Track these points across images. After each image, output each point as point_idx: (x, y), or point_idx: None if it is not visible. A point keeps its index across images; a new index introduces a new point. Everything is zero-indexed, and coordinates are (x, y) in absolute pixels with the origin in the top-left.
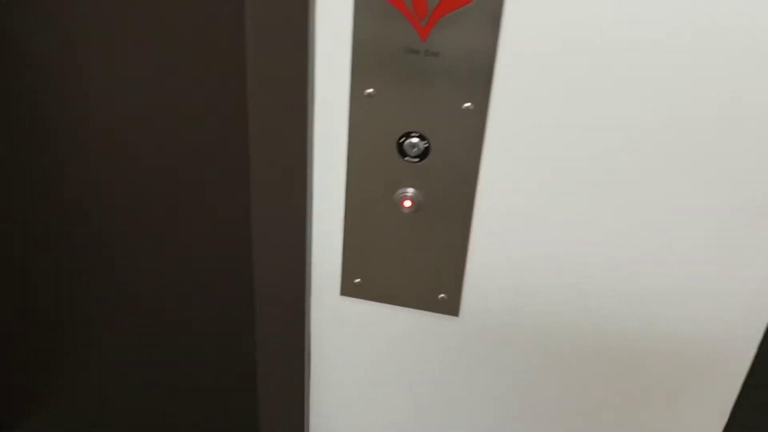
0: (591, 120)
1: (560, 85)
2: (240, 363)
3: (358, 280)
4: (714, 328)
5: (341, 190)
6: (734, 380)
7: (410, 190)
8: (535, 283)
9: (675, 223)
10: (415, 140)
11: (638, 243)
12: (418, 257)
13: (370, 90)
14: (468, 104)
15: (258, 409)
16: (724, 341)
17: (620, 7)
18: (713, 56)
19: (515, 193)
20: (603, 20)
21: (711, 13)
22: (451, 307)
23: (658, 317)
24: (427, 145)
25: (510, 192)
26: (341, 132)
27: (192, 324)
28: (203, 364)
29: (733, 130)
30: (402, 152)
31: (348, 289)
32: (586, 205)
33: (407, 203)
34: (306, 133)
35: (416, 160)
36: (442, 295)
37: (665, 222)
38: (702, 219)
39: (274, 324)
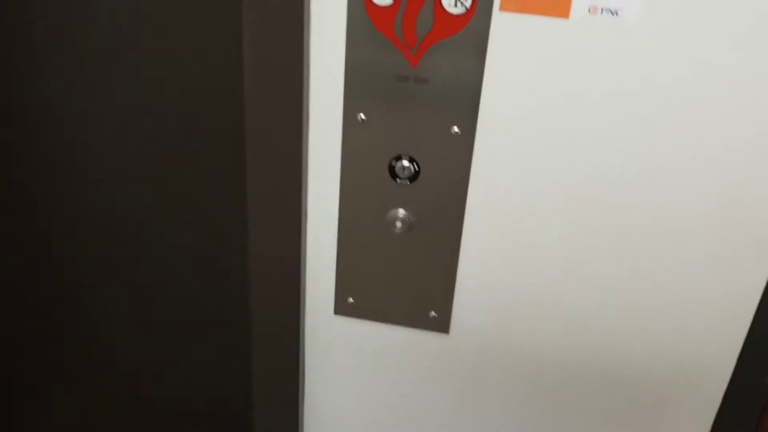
0: (575, 142)
1: (545, 110)
2: (235, 381)
3: (351, 299)
4: (696, 342)
5: (334, 212)
6: (716, 391)
7: (401, 211)
8: (524, 301)
9: (659, 242)
10: (405, 163)
11: (624, 261)
12: (409, 276)
13: (362, 115)
14: (456, 129)
15: (253, 427)
16: (705, 355)
17: (601, 36)
18: (692, 79)
19: (503, 214)
20: (586, 48)
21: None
22: (441, 324)
23: (644, 333)
24: (417, 167)
25: (498, 212)
26: (334, 155)
27: (186, 342)
28: (198, 383)
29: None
30: (393, 175)
31: (341, 308)
32: (572, 225)
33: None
34: (301, 157)
35: (407, 182)
36: (432, 313)
37: (649, 241)
38: (683, 237)
39: (269, 343)
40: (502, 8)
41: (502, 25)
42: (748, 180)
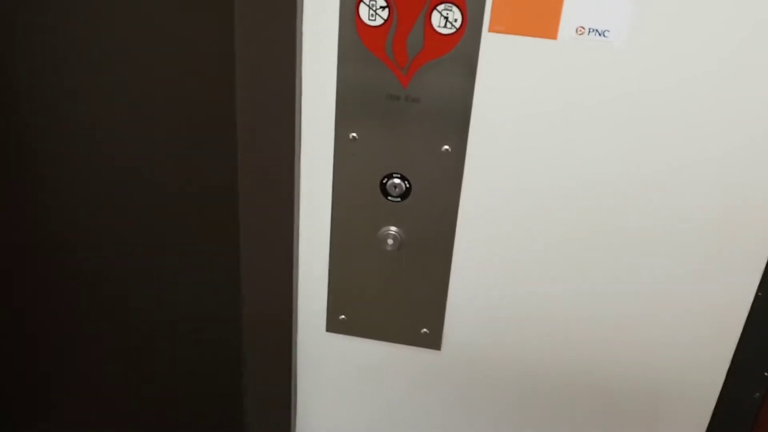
0: (564, 160)
1: (534, 129)
2: (228, 398)
3: (343, 316)
4: (686, 356)
5: (326, 230)
6: (706, 405)
7: (393, 229)
8: (515, 317)
9: (648, 255)
10: (397, 181)
11: (614, 275)
12: (400, 293)
13: (354, 134)
14: (447, 147)
15: None
16: (695, 368)
17: (592, 55)
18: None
19: (494, 230)
20: (574, 68)
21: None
22: (433, 341)
23: (634, 346)
24: (408, 185)
25: (489, 229)
26: (326, 174)
27: (178, 360)
28: (189, 399)
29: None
30: (385, 192)
31: (333, 325)
32: (563, 241)
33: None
34: (293, 175)
35: (398, 199)
36: (424, 330)
37: (640, 254)
38: (671, 252)
39: (261, 360)
40: (491, 29)
41: (492, 45)
42: (736, 196)
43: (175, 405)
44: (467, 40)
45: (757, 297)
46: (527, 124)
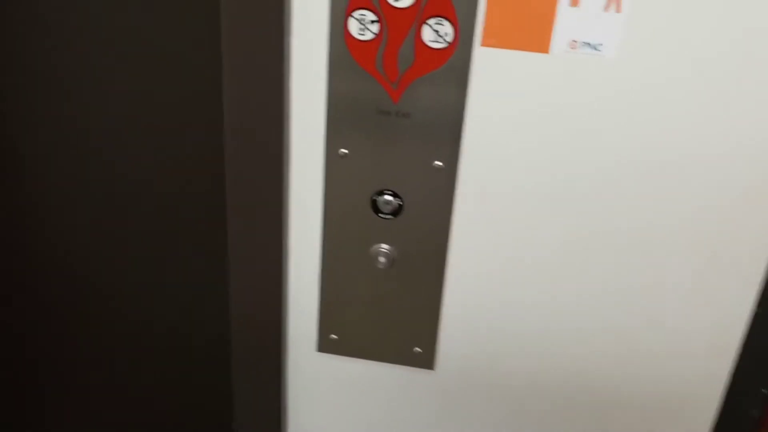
0: (557, 175)
1: (527, 144)
2: (217, 418)
3: (334, 336)
4: (685, 368)
5: (317, 247)
6: (704, 422)
7: (384, 246)
8: (510, 336)
9: (647, 269)
10: (388, 197)
11: (611, 291)
12: (392, 312)
13: (344, 150)
14: (439, 162)
15: None
16: (694, 380)
17: (585, 68)
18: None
19: (487, 247)
20: (566, 82)
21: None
22: (426, 360)
23: (632, 361)
24: (400, 202)
25: (482, 246)
26: (317, 190)
27: (168, 380)
28: (179, 420)
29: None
30: (376, 209)
31: (324, 345)
32: (556, 256)
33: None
34: (282, 192)
35: (390, 216)
36: (417, 349)
37: (638, 268)
38: (670, 266)
39: (251, 380)
40: (483, 43)
41: (483, 59)
42: (734, 206)
43: (163, 427)
44: (459, 54)
45: (756, 314)
46: (520, 139)
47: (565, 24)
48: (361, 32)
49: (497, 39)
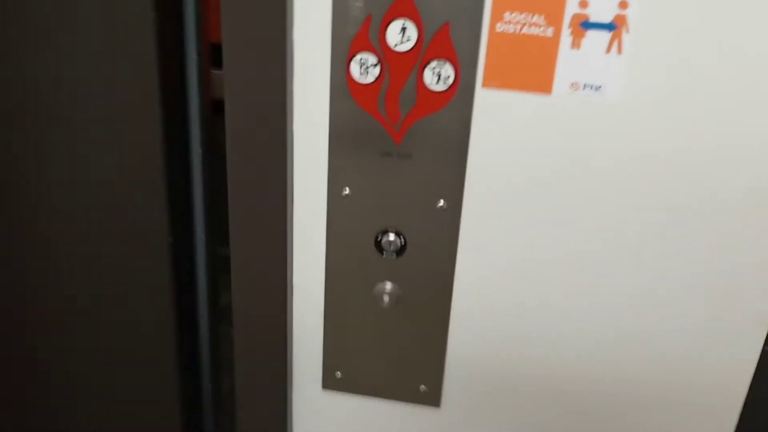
0: (560, 215)
1: (530, 183)
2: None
3: (339, 373)
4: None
5: (321, 286)
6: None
7: (388, 285)
8: (516, 374)
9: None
10: (392, 237)
11: (622, 334)
12: (398, 350)
13: (347, 191)
14: (443, 202)
15: None
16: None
17: (584, 110)
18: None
19: (492, 285)
20: (569, 123)
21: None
22: (432, 398)
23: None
24: (404, 241)
25: (487, 284)
26: (319, 231)
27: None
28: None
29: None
30: (380, 248)
31: (329, 383)
32: (563, 298)
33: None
34: (285, 232)
35: (394, 255)
36: (422, 387)
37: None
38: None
39: (256, 419)
40: (485, 85)
41: (485, 101)
42: (740, 243)
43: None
44: (460, 96)
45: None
46: (524, 178)
47: (567, 66)
48: (363, 75)
49: (499, 80)
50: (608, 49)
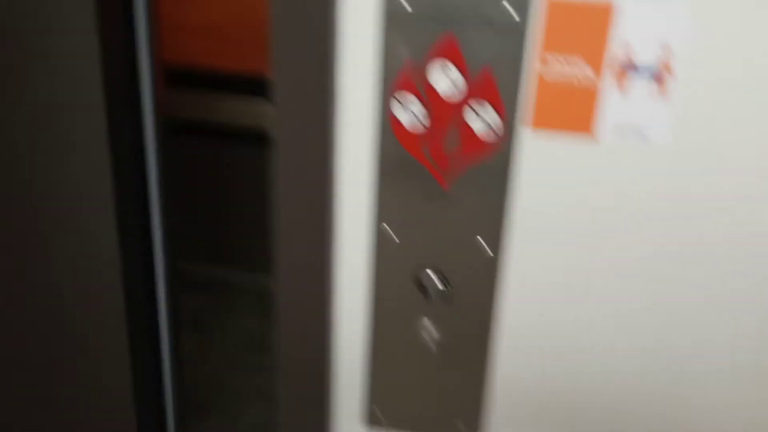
0: (604, 262)
1: (574, 230)
2: None
3: (379, 410)
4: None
5: (363, 324)
6: None
7: (430, 325)
8: (556, 417)
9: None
10: (435, 279)
11: (668, 372)
12: (439, 388)
13: (393, 233)
14: (486, 248)
15: None
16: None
17: (628, 154)
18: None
19: (533, 330)
20: (614, 167)
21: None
22: None
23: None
24: (446, 284)
25: (530, 329)
26: (362, 269)
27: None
28: None
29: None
30: (422, 289)
31: (370, 418)
32: (605, 341)
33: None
34: (329, 271)
35: (436, 297)
36: (461, 426)
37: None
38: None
39: None
40: (531, 127)
41: (531, 148)
42: None
43: None
44: (507, 143)
45: None
46: (568, 226)
47: (612, 109)
48: (409, 120)
49: (544, 124)
50: (653, 93)
